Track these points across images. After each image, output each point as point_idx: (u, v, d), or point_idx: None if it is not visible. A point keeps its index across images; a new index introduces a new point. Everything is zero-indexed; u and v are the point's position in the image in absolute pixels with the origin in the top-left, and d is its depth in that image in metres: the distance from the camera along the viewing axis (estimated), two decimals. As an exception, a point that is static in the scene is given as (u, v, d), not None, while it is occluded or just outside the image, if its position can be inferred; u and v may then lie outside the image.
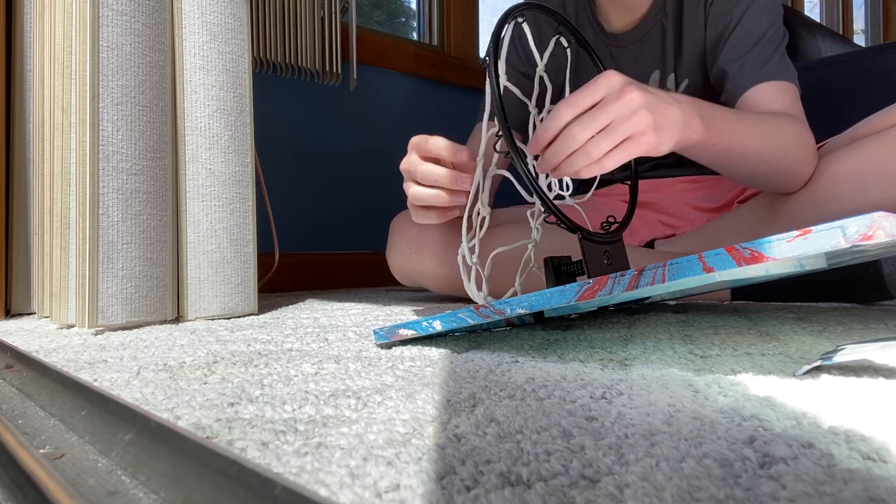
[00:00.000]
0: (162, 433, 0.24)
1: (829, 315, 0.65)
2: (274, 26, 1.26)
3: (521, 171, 0.50)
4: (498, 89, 0.50)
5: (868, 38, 3.16)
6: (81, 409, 0.30)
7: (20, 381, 0.40)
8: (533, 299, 0.42)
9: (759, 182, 0.74)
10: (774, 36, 0.80)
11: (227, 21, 0.76)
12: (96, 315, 0.63)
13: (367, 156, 1.50)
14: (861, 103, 1.30)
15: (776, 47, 0.79)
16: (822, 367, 0.37)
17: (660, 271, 0.36)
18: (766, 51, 0.79)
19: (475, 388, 0.35)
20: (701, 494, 0.19)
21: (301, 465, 0.23)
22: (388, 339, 0.51)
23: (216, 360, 0.45)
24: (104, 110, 0.65)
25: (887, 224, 0.28)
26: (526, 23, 0.56)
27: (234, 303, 0.75)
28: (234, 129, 0.76)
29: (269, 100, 1.31)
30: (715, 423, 0.26)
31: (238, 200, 0.76)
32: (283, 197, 1.33)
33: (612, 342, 0.50)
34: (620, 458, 0.22)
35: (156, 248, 0.69)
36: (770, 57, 0.78)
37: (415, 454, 0.24)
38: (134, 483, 0.23)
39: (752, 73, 0.78)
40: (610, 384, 0.34)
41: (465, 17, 1.75)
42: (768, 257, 0.31)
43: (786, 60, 0.79)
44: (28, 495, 0.21)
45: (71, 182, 0.68)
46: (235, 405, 0.32)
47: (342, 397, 0.33)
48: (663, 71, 0.90)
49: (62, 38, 0.69)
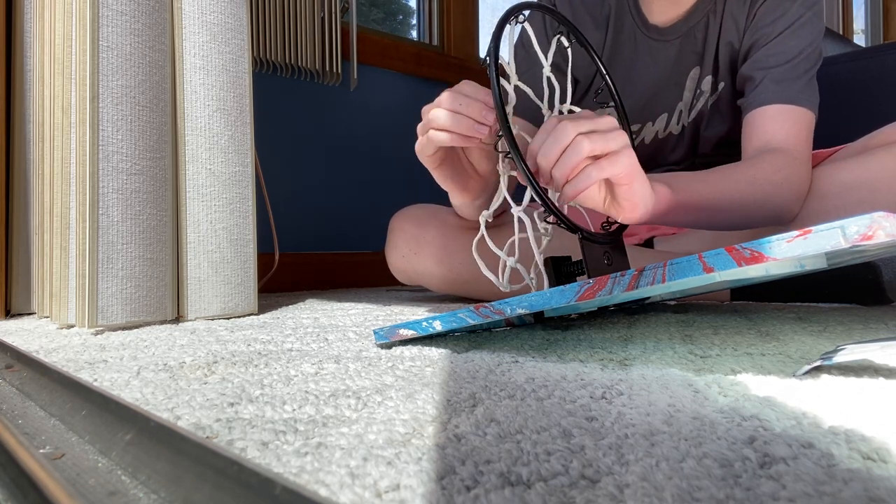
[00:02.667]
0: (162, 433, 0.24)
1: (829, 315, 0.65)
2: (274, 26, 1.26)
3: (522, 170, 0.50)
4: (498, 89, 0.50)
5: (868, 38, 3.16)
6: (81, 409, 0.30)
7: (20, 381, 0.40)
8: (533, 299, 0.42)
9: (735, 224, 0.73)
10: (809, 57, 0.78)
11: (227, 21, 0.76)
12: (96, 315, 0.63)
13: (367, 156, 1.50)
14: (861, 103, 1.30)
15: (808, 69, 0.78)
16: (822, 367, 0.37)
17: (660, 271, 0.36)
18: (796, 70, 0.77)
19: (475, 388, 0.35)
20: (701, 494, 0.19)
21: (301, 465, 0.23)
22: (388, 339, 0.51)
23: (216, 360, 0.45)
24: (104, 110, 0.65)
25: (887, 224, 0.28)
26: (528, 22, 0.56)
27: (234, 303, 0.75)
28: (234, 129, 0.76)
29: (269, 100, 1.31)
30: (715, 423, 0.26)
31: (238, 200, 0.76)
32: (283, 197, 1.33)
33: (612, 342, 0.50)
34: (620, 458, 0.22)
35: (156, 248, 0.69)
36: (799, 77, 0.77)
37: (415, 454, 0.24)
38: (134, 483, 0.23)
39: (772, 91, 0.77)
40: (610, 384, 0.34)
41: (465, 17, 1.75)
42: (768, 257, 0.31)
43: (812, 85, 0.78)
44: (28, 495, 0.21)
45: (71, 182, 0.68)
46: (235, 405, 0.32)
47: (342, 397, 0.33)
48: (702, 69, 0.87)
49: (62, 38, 0.69)
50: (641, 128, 0.94)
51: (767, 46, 0.80)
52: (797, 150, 0.74)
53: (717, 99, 0.88)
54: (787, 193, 0.71)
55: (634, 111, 0.91)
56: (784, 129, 0.75)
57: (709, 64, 0.86)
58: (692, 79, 0.88)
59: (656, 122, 0.93)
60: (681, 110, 0.91)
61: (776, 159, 0.71)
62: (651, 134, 0.94)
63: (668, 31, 0.86)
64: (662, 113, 0.92)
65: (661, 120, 0.92)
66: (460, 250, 0.85)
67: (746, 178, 0.69)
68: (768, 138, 0.75)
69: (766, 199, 0.69)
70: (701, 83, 0.88)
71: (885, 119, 0.81)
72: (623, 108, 0.64)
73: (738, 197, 0.67)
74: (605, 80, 0.63)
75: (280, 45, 1.27)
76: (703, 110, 0.90)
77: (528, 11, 0.55)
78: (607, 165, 0.49)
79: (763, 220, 0.72)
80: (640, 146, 0.95)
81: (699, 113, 0.90)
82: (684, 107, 0.91)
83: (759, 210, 0.70)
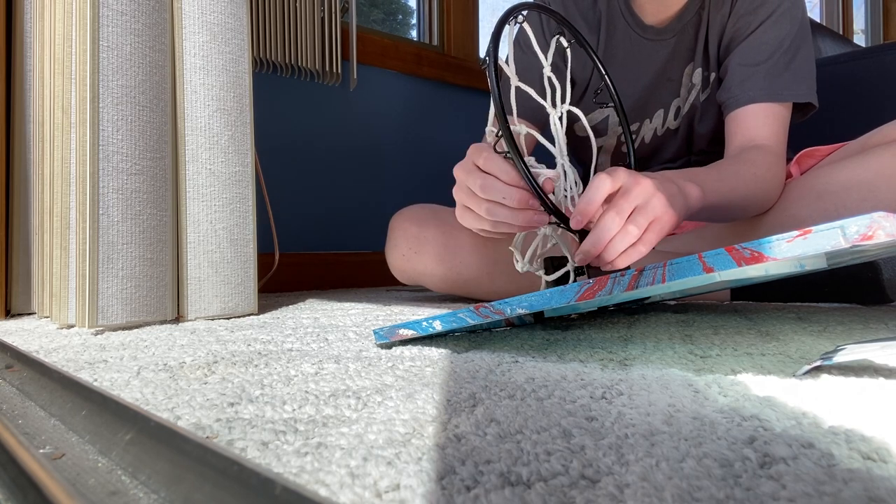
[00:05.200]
0: (162, 433, 0.24)
1: (829, 315, 0.65)
2: (274, 26, 1.26)
3: (521, 170, 0.50)
4: (498, 89, 0.50)
5: (868, 38, 3.16)
6: (81, 409, 0.30)
7: (20, 381, 0.40)
8: (533, 299, 0.42)
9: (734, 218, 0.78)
10: (790, 47, 0.79)
11: (227, 21, 0.76)
12: (96, 315, 0.63)
13: (368, 155, 1.50)
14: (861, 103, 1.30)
15: (790, 60, 0.79)
16: (822, 367, 0.37)
17: (660, 271, 0.36)
18: (777, 65, 0.79)
19: (475, 388, 0.35)
20: (701, 494, 0.19)
21: (301, 464, 0.23)
22: (388, 339, 0.51)
23: (216, 360, 0.45)
24: (104, 110, 0.65)
25: (887, 224, 0.28)
26: (527, 22, 0.56)
27: (234, 303, 0.75)
28: (234, 129, 0.76)
29: (269, 100, 1.31)
30: (715, 423, 0.26)
31: (238, 200, 0.76)
32: (283, 197, 1.33)
33: (612, 342, 0.50)
34: (620, 458, 0.22)
35: (156, 248, 0.69)
36: (780, 72, 0.79)
37: (415, 454, 0.24)
38: (134, 483, 0.23)
39: (756, 89, 0.79)
40: (610, 384, 0.34)
41: (465, 17, 1.75)
42: (768, 257, 0.31)
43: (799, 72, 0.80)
44: (28, 495, 0.21)
45: (71, 182, 0.68)
46: (235, 405, 0.32)
47: (342, 397, 0.33)
48: (693, 63, 0.88)
49: (62, 38, 0.69)
50: (640, 126, 0.94)
51: (749, 39, 0.81)
52: (778, 146, 0.79)
53: (711, 92, 0.88)
54: (774, 189, 0.77)
55: (633, 110, 0.92)
56: (767, 126, 0.79)
57: (699, 57, 0.87)
58: (687, 74, 0.89)
59: (653, 119, 0.93)
60: (678, 106, 0.91)
61: (765, 157, 0.76)
62: (650, 132, 0.94)
63: (664, 31, 0.87)
64: (658, 109, 0.92)
65: (657, 116, 0.93)
66: (461, 249, 0.85)
67: (749, 175, 0.73)
68: (752, 135, 0.79)
69: (763, 194, 0.75)
70: (692, 76, 0.88)
71: (885, 119, 0.81)
72: (623, 109, 0.64)
73: (744, 193, 0.72)
74: (605, 80, 0.63)
75: (280, 45, 1.27)
76: (695, 104, 0.90)
77: (528, 12, 0.55)
78: (652, 237, 0.53)
79: (754, 212, 0.77)
80: (641, 145, 0.95)
81: (691, 107, 0.90)
82: (681, 102, 0.91)
83: (754, 204, 0.75)
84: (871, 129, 0.80)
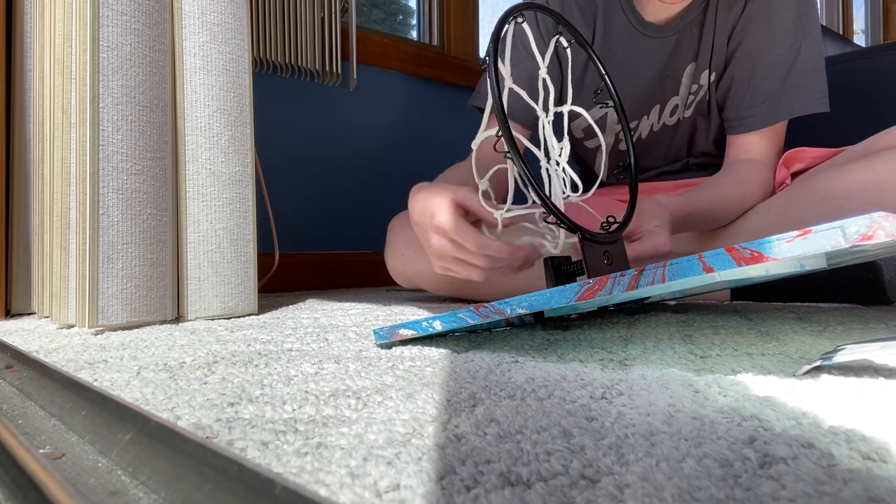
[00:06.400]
0: (162, 433, 0.24)
1: (829, 315, 0.65)
2: (274, 26, 1.26)
3: (520, 170, 0.50)
4: (498, 89, 0.50)
5: (868, 38, 3.16)
6: (81, 409, 0.30)
7: (20, 381, 0.40)
8: (533, 299, 0.42)
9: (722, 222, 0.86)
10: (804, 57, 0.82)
11: (227, 21, 0.76)
12: (96, 315, 0.63)
13: (367, 156, 1.50)
14: (861, 103, 1.30)
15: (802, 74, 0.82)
16: (822, 367, 0.37)
17: (660, 271, 0.36)
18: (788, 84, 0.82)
19: (475, 388, 0.35)
20: (701, 494, 0.19)
21: (301, 465, 0.23)
22: (388, 339, 0.51)
23: (216, 360, 0.45)
24: (104, 110, 0.65)
25: (887, 224, 0.28)
26: (526, 23, 0.56)
27: (234, 303, 0.75)
28: (234, 129, 0.76)
29: (269, 100, 1.31)
30: (715, 423, 0.26)
31: (238, 200, 0.76)
32: (283, 197, 1.33)
33: (612, 342, 0.50)
34: (620, 458, 0.22)
35: (156, 248, 0.69)
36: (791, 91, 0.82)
37: (415, 454, 0.24)
38: (134, 483, 0.23)
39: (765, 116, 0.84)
40: (610, 384, 0.34)
41: (465, 17, 1.75)
42: (768, 257, 0.31)
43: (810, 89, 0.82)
44: (28, 495, 0.21)
45: (71, 182, 0.68)
46: (235, 405, 0.32)
47: (342, 397, 0.33)
48: (698, 64, 0.88)
49: (62, 38, 0.69)
50: (638, 123, 0.94)
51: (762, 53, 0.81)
52: (774, 157, 0.87)
53: (713, 94, 0.89)
54: (762, 197, 0.85)
55: (632, 108, 0.92)
56: (764, 145, 0.86)
57: (706, 59, 0.87)
58: (688, 74, 0.88)
59: (650, 116, 0.93)
60: (676, 104, 0.91)
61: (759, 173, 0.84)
62: (647, 128, 0.94)
63: (665, 29, 0.86)
64: (655, 106, 0.92)
65: (654, 112, 0.93)
66: None
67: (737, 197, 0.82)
68: (751, 155, 0.86)
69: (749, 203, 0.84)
70: (699, 77, 0.88)
71: (885, 119, 0.81)
72: (622, 107, 0.64)
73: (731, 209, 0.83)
74: (605, 80, 0.63)
75: (280, 45, 1.27)
76: (700, 105, 0.90)
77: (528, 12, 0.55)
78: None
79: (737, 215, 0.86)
80: (637, 142, 0.95)
81: (696, 108, 0.90)
82: (680, 101, 0.91)
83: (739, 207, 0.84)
84: (870, 129, 0.80)
